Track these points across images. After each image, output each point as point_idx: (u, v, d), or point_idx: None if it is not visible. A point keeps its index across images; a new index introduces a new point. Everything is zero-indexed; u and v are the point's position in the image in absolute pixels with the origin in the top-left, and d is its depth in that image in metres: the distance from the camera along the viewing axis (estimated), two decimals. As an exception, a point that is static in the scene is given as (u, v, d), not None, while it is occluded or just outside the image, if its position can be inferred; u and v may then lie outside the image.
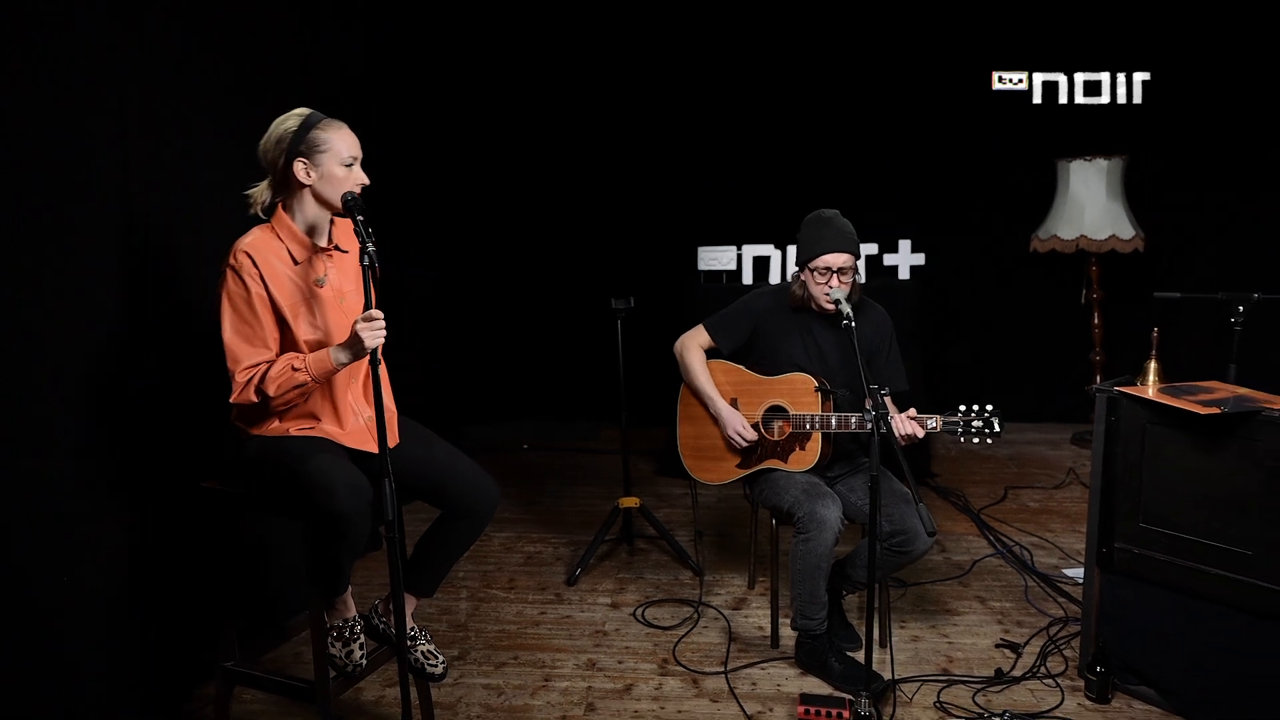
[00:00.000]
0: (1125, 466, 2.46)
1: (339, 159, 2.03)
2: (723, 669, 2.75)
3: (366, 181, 2.08)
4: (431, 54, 4.87)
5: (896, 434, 2.41)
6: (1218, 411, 2.18)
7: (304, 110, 2.07)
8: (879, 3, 5.01)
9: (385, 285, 2.10)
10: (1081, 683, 2.59)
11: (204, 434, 2.51)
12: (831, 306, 2.64)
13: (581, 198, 5.47)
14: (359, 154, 2.09)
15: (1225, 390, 2.38)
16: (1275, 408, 2.18)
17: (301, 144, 2.02)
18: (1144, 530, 2.43)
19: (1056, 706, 2.51)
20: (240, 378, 1.98)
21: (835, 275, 2.65)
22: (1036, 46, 4.94)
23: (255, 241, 2.02)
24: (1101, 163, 4.68)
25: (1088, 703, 2.53)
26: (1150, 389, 2.43)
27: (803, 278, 2.74)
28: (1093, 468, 2.54)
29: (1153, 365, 2.50)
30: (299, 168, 2.03)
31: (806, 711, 2.42)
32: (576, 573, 3.42)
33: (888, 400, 2.64)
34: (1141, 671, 2.50)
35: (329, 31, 3.50)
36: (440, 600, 3.22)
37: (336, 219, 2.14)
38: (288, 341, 2.05)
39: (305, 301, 2.05)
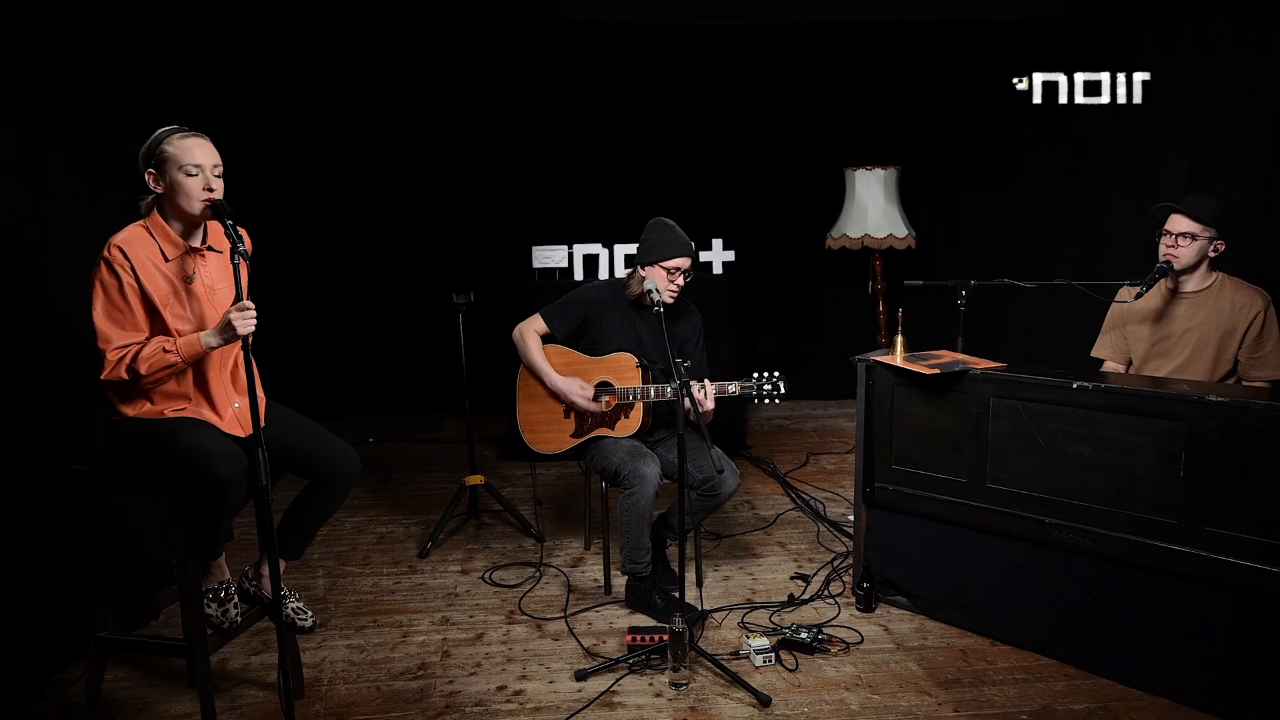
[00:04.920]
0: (881, 419, 3.06)
1: (179, 166, 2.21)
2: (563, 614, 3.15)
3: (215, 189, 2.22)
4: (273, 57, 4.98)
5: (702, 404, 2.93)
6: (937, 372, 2.80)
7: (168, 127, 2.26)
8: (702, 36, 5.54)
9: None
10: (853, 599, 3.19)
11: (67, 422, 2.63)
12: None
13: (422, 200, 5.71)
14: (206, 162, 2.22)
15: (950, 356, 3.02)
16: (979, 368, 2.82)
17: (151, 157, 2.23)
18: (895, 470, 3.04)
19: (834, 618, 3.08)
20: (112, 356, 2.16)
21: (681, 274, 3.10)
22: (833, 69, 5.68)
23: (129, 237, 2.21)
24: (879, 171, 5.44)
25: (857, 613, 3.12)
26: (897, 357, 3.03)
27: (641, 274, 3.16)
28: (857, 422, 3.14)
29: (899, 339, 3.10)
30: (149, 179, 2.24)
31: (634, 639, 2.85)
32: (428, 546, 3.71)
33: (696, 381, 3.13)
34: (897, 584, 3.12)
35: (175, 41, 3.58)
36: (297, 579, 3.44)
37: (210, 222, 2.32)
38: (160, 329, 2.24)
39: (176, 294, 2.25)
